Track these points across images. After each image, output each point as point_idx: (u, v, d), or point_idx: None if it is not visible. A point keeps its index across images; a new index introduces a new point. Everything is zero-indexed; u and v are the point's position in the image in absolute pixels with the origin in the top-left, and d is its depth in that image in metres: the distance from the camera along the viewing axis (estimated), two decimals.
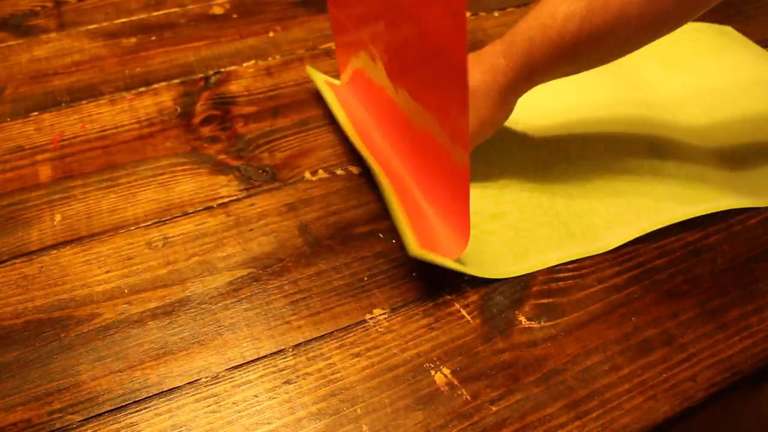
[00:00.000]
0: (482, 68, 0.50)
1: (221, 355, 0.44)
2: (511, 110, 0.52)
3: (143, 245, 0.51)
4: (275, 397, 0.41)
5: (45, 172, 0.57)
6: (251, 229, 0.52)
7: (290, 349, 0.44)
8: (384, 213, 0.53)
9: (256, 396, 0.41)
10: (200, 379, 0.42)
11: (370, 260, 0.50)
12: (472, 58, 0.51)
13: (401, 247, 0.50)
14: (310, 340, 0.45)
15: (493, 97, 0.50)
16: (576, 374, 0.42)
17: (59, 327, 0.45)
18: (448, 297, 0.47)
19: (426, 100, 0.47)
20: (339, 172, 0.58)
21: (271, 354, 0.44)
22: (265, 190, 0.56)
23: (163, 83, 0.67)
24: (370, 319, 0.46)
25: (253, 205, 0.54)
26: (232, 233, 0.52)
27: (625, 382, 0.42)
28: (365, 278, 0.48)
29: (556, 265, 0.49)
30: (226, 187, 0.56)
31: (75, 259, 0.49)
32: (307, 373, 0.42)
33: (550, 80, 0.51)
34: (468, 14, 0.78)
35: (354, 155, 0.59)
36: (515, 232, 0.51)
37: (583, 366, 0.43)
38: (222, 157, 0.59)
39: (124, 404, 0.41)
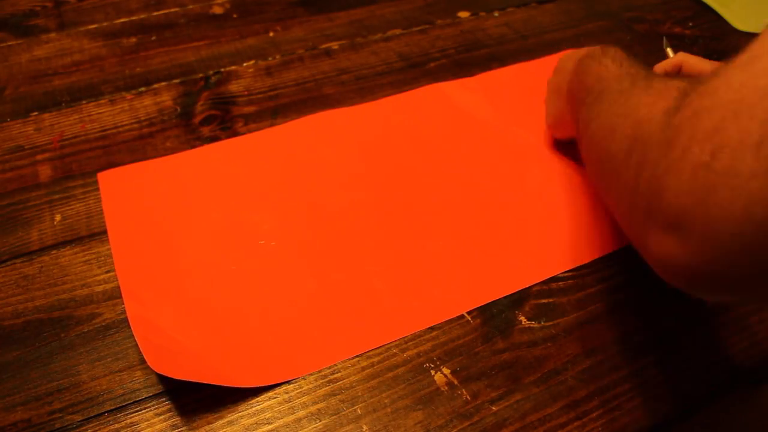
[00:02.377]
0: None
1: None
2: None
3: None
4: (275, 397, 0.41)
5: (45, 172, 0.57)
6: None
7: None
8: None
9: (255, 396, 0.41)
10: None
11: None
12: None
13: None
14: None
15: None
16: (576, 374, 0.42)
17: (59, 327, 0.45)
18: None
19: None
20: None
21: None
22: None
23: (163, 83, 0.67)
24: None
25: None
26: None
27: (625, 382, 0.42)
28: None
29: None
30: None
31: (75, 259, 0.49)
32: (309, 373, 0.42)
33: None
34: (468, 14, 0.78)
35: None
36: None
37: (583, 366, 0.43)
38: None
39: (124, 404, 0.41)
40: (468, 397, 0.41)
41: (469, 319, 0.46)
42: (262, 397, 0.41)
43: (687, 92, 0.29)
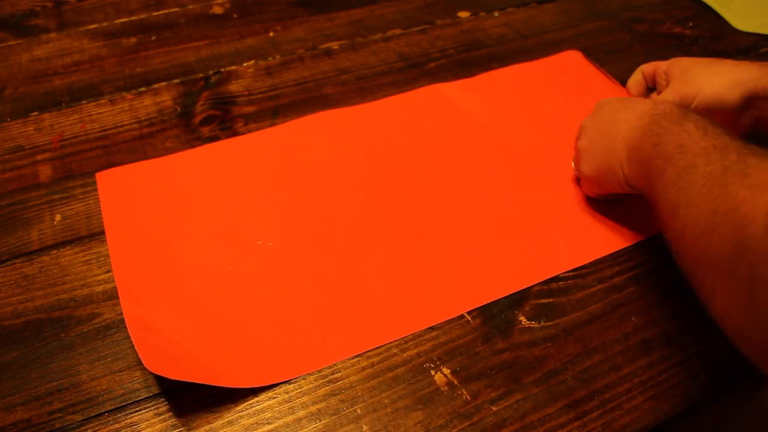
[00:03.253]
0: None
1: None
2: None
3: None
4: (275, 397, 0.41)
5: (45, 172, 0.57)
6: None
7: None
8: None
9: (256, 396, 0.41)
10: None
11: None
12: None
13: None
14: None
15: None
16: (576, 374, 0.42)
17: (59, 327, 0.45)
18: None
19: None
20: None
21: None
22: None
23: (163, 83, 0.67)
24: None
25: None
26: None
27: (625, 382, 0.42)
28: None
29: None
30: None
31: (75, 259, 0.49)
32: (308, 373, 0.42)
33: None
34: (468, 14, 0.78)
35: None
36: None
37: (583, 366, 0.43)
38: None
39: (124, 404, 0.41)
40: (468, 397, 0.41)
41: (469, 319, 0.46)
42: (262, 397, 0.41)
43: None
